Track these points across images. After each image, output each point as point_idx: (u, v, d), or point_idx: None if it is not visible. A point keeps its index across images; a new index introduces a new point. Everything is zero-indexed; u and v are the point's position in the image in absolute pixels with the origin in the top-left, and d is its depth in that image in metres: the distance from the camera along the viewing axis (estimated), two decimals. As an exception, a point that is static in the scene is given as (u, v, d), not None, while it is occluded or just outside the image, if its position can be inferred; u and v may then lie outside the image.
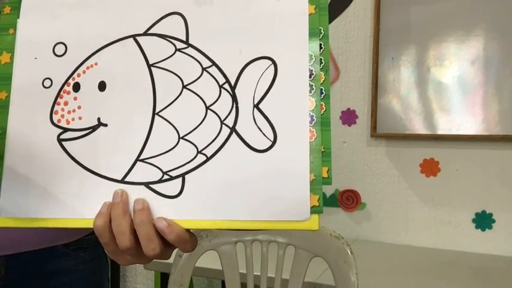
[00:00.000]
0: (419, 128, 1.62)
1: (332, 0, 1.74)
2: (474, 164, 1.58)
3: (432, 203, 1.64)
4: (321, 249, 1.04)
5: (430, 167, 1.64)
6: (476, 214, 1.59)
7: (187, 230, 0.45)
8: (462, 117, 1.57)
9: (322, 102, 0.45)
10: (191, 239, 0.45)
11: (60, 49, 0.49)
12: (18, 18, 0.50)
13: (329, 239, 1.04)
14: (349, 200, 1.73)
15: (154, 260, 1.36)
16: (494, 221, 1.57)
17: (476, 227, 1.59)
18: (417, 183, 1.66)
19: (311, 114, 0.44)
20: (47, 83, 0.49)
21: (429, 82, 1.60)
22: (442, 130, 1.59)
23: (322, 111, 0.45)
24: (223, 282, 1.37)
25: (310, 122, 0.44)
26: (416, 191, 1.66)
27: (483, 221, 1.58)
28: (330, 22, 1.74)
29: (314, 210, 0.43)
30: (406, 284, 1.29)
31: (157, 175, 0.46)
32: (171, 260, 1.13)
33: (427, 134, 1.61)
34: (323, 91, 0.45)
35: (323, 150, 0.44)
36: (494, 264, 1.47)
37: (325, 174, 0.44)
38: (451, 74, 1.58)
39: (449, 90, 1.58)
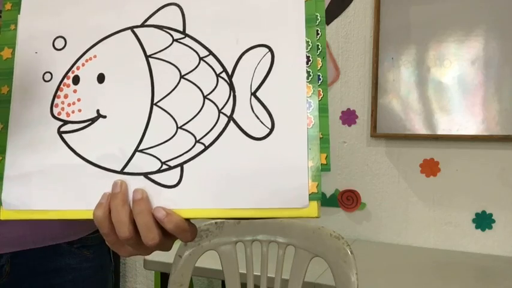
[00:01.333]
0: (419, 128, 1.62)
1: (332, 0, 1.74)
2: (474, 164, 1.58)
3: (432, 203, 1.64)
4: (321, 249, 1.04)
5: (430, 167, 1.64)
6: (476, 214, 1.59)
7: (187, 220, 0.45)
8: (462, 117, 1.57)
9: (319, 89, 0.44)
10: (190, 228, 0.45)
11: (59, 43, 0.50)
12: (19, 14, 0.51)
13: (329, 239, 1.04)
14: (349, 200, 1.73)
15: (154, 260, 1.36)
16: (494, 221, 1.57)
17: (476, 227, 1.59)
18: (417, 183, 1.66)
19: (309, 100, 0.44)
20: (47, 76, 0.49)
21: (429, 82, 1.60)
22: (442, 130, 1.59)
23: (320, 97, 0.44)
24: (223, 282, 1.37)
25: (308, 109, 0.44)
26: (416, 191, 1.66)
27: (483, 221, 1.58)
28: (329, 22, 1.75)
29: (313, 197, 0.43)
30: (406, 284, 1.29)
31: (156, 165, 0.46)
32: (171, 260, 1.13)
33: (427, 134, 1.61)
34: (320, 77, 0.45)
35: (321, 136, 0.44)
36: (494, 264, 1.47)
37: (323, 161, 0.43)
38: (451, 74, 1.58)
39: (449, 90, 1.58)
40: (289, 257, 1.08)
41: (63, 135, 0.48)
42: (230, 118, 0.45)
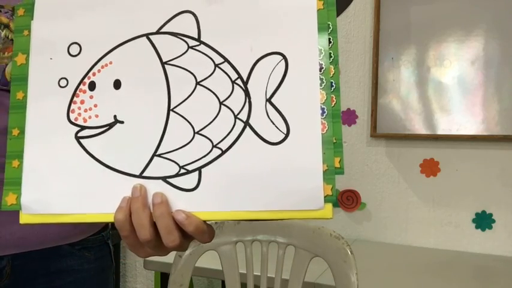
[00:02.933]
0: (419, 128, 1.62)
1: (332, 1, 1.74)
2: (474, 164, 1.59)
3: (432, 203, 1.65)
4: (321, 249, 1.04)
5: (430, 167, 1.64)
6: (476, 214, 1.59)
7: (205, 222, 0.46)
8: (462, 117, 1.57)
9: (332, 95, 0.46)
10: (208, 229, 0.47)
11: (74, 49, 0.50)
12: (32, 19, 0.51)
13: (329, 239, 1.04)
14: (349, 200, 1.74)
15: (154, 260, 1.36)
16: (494, 221, 1.57)
17: (476, 227, 1.59)
18: (417, 183, 1.66)
19: (322, 106, 0.46)
20: (63, 82, 0.50)
21: (429, 82, 1.61)
22: (442, 130, 1.59)
23: (333, 103, 0.46)
24: (223, 282, 1.37)
25: (322, 115, 0.46)
26: (416, 191, 1.66)
27: (483, 221, 1.58)
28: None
29: (328, 199, 0.45)
30: (406, 284, 1.30)
31: (174, 169, 0.47)
32: (171, 260, 1.13)
33: (427, 134, 1.61)
34: (333, 84, 0.46)
35: (335, 141, 0.46)
36: (494, 264, 1.47)
37: (337, 165, 0.46)
38: (451, 74, 1.58)
39: (449, 90, 1.58)
40: (289, 257, 1.08)
41: (81, 140, 0.49)
42: (246, 123, 0.46)
